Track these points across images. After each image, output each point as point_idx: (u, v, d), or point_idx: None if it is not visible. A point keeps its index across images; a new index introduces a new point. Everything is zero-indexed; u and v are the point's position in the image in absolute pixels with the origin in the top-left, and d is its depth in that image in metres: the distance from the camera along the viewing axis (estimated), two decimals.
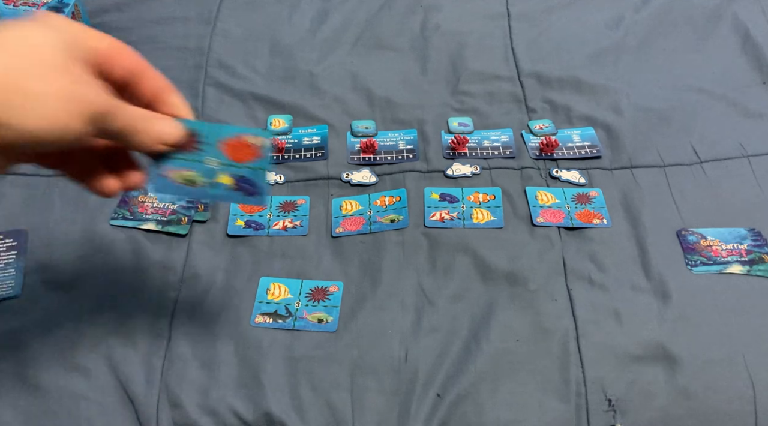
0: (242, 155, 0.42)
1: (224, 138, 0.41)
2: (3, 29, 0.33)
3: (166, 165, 0.41)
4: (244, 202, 0.43)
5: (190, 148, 0.41)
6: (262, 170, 0.42)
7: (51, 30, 0.34)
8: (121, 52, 0.37)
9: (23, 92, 0.32)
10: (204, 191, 0.42)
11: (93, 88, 0.35)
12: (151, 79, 0.39)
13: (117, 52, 0.37)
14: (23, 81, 0.32)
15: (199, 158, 0.41)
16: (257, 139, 0.41)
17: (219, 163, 0.41)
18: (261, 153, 0.41)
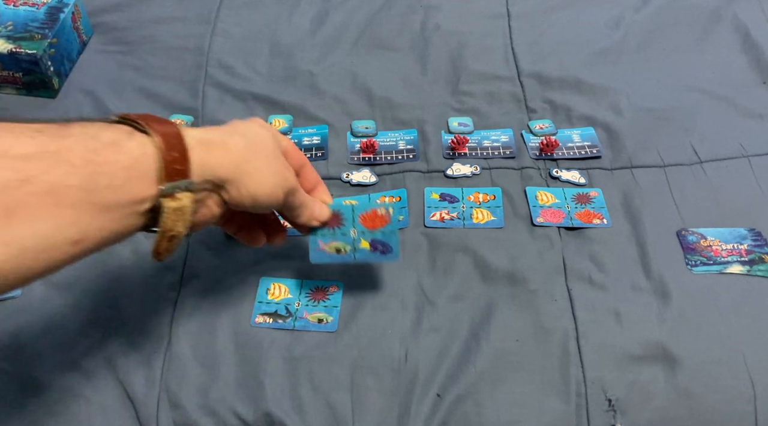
0: (375, 224, 0.55)
1: (361, 212, 0.55)
2: (239, 123, 0.47)
3: (320, 240, 0.54)
4: (381, 260, 0.55)
5: (337, 224, 0.54)
6: (392, 233, 0.55)
7: (265, 128, 0.47)
8: (294, 150, 0.51)
9: (255, 166, 0.44)
10: (350, 256, 0.54)
11: (290, 172, 0.48)
12: (309, 172, 0.53)
13: (292, 149, 0.51)
14: (255, 158, 0.44)
15: (344, 231, 0.54)
16: (386, 210, 0.55)
17: (358, 232, 0.55)
18: (389, 220, 0.55)
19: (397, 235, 0.55)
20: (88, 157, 0.36)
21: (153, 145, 0.39)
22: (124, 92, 0.78)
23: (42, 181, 0.33)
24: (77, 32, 0.82)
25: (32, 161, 0.34)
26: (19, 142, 0.34)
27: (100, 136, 0.37)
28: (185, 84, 0.79)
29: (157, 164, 0.39)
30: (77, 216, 0.35)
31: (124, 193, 0.37)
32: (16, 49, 0.74)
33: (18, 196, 0.33)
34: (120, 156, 0.37)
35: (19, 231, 0.33)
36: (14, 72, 0.75)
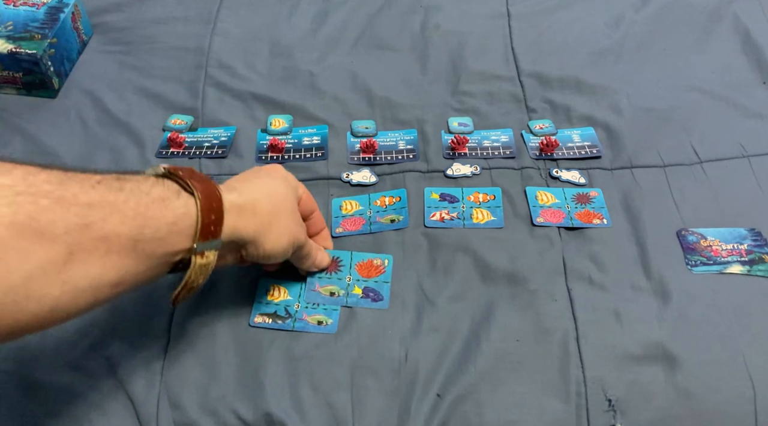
0: (370, 273, 0.59)
1: (358, 261, 0.60)
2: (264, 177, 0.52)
3: (316, 282, 0.58)
4: (371, 307, 0.57)
5: (335, 268, 0.59)
6: (385, 283, 0.58)
7: (286, 183, 0.53)
8: (307, 198, 0.56)
9: (274, 229, 0.49)
10: (342, 299, 0.58)
11: (302, 228, 0.54)
12: (317, 218, 0.59)
13: (306, 197, 0.56)
14: (276, 222, 0.50)
15: (340, 276, 0.59)
16: (382, 261, 0.60)
17: (353, 279, 0.59)
18: (384, 270, 0.59)
19: (389, 285, 0.58)
20: (139, 210, 0.40)
21: (195, 207, 0.43)
22: (124, 92, 0.78)
23: (99, 227, 0.37)
24: (77, 32, 0.82)
25: (93, 209, 0.37)
26: (83, 191, 0.37)
27: (152, 192, 0.41)
28: (185, 84, 0.79)
29: (196, 224, 0.43)
30: (121, 262, 0.39)
31: (164, 246, 0.42)
32: (16, 49, 0.74)
33: (79, 239, 0.36)
34: (167, 212, 0.41)
35: (75, 271, 0.36)
36: (14, 72, 0.75)
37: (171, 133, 0.72)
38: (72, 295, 0.37)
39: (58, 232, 0.35)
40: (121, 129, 0.73)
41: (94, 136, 0.73)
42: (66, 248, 0.36)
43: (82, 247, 0.36)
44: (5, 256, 0.33)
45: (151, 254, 0.41)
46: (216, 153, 0.71)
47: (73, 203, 0.36)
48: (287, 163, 0.70)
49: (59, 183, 0.37)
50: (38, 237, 0.34)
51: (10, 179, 0.35)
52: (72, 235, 0.36)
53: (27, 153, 0.71)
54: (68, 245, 0.36)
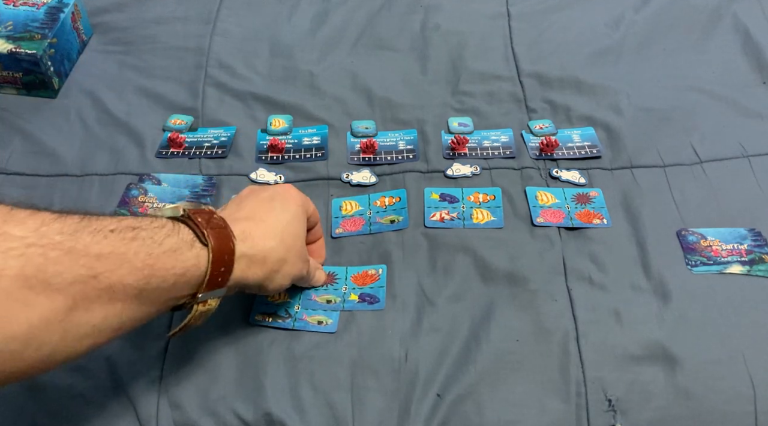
0: (366, 281, 0.60)
1: (353, 273, 0.60)
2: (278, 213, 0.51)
3: (313, 293, 0.59)
4: (368, 309, 0.57)
5: (331, 281, 0.60)
6: (380, 287, 0.59)
7: (299, 212, 0.53)
8: (314, 213, 0.57)
9: (281, 272, 0.50)
10: (339, 305, 0.58)
11: (307, 261, 0.54)
12: (318, 230, 0.60)
13: (313, 213, 0.57)
14: (284, 265, 0.50)
15: (336, 287, 0.59)
16: (376, 271, 0.60)
17: (349, 288, 0.59)
18: (378, 278, 0.59)
19: (384, 289, 0.58)
20: (149, 261, 0.40)
21: (206, 259, 0.44)
22: (124, 92, 0.78)
23: (106, 278, 0.38)
24: (77, 32, 0.82)
25: (102, 260, 0.38)
26: (94, 241, 0.38)
27: (164, 242, 0.42)
28: (185, 84, 0.79)
29: (203, 276, 0.44)
30: (124, 309, 0.40)
31: (167, 294, 0.42)
32: (16, 49, 0.74)
33: (84, 289, 0.37)
34: (176, 263, 0.42)
35: (77, 319, 0.37)
36: (14, 72, 0.75)
37: (171, 133, 0.72)
38: (72, 341, 0.38)
39: (64, 284, 0.36)
40: (121, 129, 0.73)
41: (94, 136, 0.73)
42: (70, 298, 0.36)
43: (86, 297, 0.37)
44: (9, 307, 0.34)
45: (155, 301, 0.42)
46: (216, 153, 0.71)
47: (83, 254, 0.37)
48: (287, 163, 0.70)
49: (71, 233, 0.37)
50: (43, 288, 0.35)
51: (23, 230, 0.35)
52: (77, 286, 0.36)
53: (27, 153, 0.71)
54: (73, 295, 0.36)
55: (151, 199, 0.65)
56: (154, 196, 0.65)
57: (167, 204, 0.46)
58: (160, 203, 0.65)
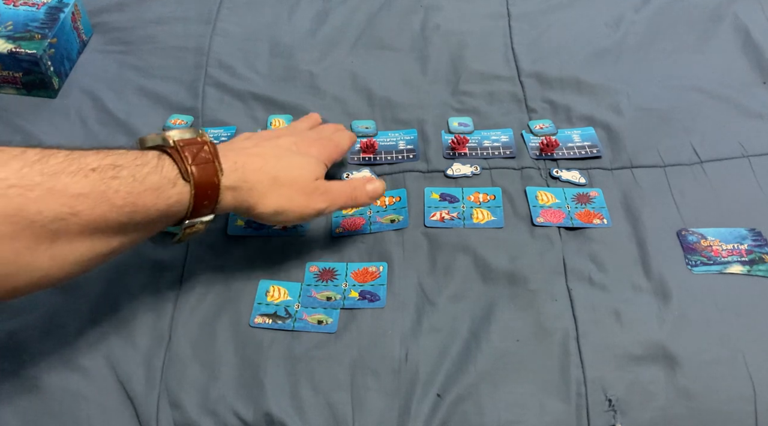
0: (366, 278, 0.59)
1: (354, 270, 0.60)
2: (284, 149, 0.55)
3: (313, 289, 0.59)
4: (368, 307, 0.57)
5: (331, 278, 0.60)
6: (381, 285, 0.59)
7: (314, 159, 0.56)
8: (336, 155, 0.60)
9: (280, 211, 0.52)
10: (339, 303, 0.58)
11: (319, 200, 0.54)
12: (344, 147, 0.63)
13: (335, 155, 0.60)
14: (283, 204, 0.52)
15: (336, 283, 0.59)
16: (377, 268, 0.60)
17: (349, 285, 0.59)
18: (379, 275, 0.59)
19: (385, 287, 0.58)
20: (130, 199, 0.42)
21: (189, 195, 0.45)
22: (124, 92, 0.78)
23: (86, 215, 0.40)
24: (77, 32, 0.82)
25: (82, 199, 0.40)
26: (74, 182, 0.40)
27: (146, 181, 0.43)
28: (185, 84, 0.79)
29: (186, 210, 0.46)
30: (108, 241, 0.42)
31: (154, 227, 0.45)
32: (16, 49, 0.74)
33: (64, 225, 0.39)
34: (158, 201, 0.44)
35: (61, 249, 0.40)
36: (14, 72, 0.75)
37: None
38: (61, 266, 0.41)
39: (44, 221, 0.39)
40: (121, 129, 0.73)
41: (94, 136, 0.73)
42: (52, 232, 0.39)
43: (68, 231, 0.40)
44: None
45: (141, 232, 0.45)
46: None
47: (63, 194, 0.39)
48: None
49: (51, 175, 0.39)
50: (26, 224, 0.38)
51: (4, 172, 0.38)
52: (58, 223, 0.39)
53: None
54: (54, 230, 0.39)
55: None
56: None
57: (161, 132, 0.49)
58: None
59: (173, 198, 0.44)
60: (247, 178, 0.50)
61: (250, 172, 0.50)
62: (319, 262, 0.61)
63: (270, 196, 0.51)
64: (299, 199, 0.53)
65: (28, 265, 0.39)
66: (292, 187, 0.53)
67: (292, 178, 0.53)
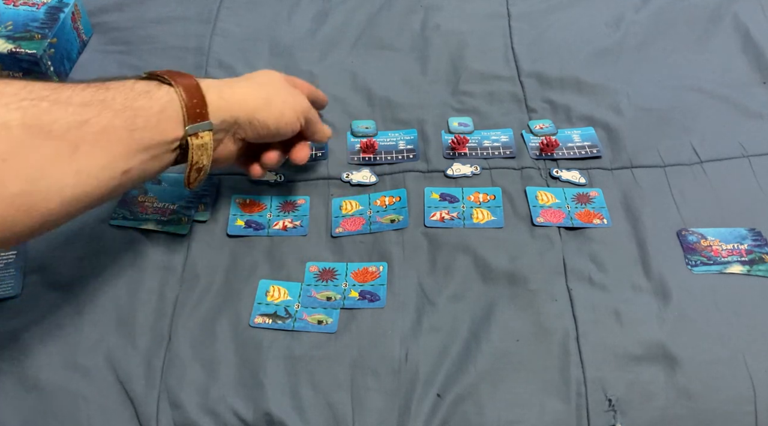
0: (366, 278, 0.59)
1: (353, 270, 0.60)
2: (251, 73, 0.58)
3: (313, 289, 0.59)
4: (368, 307, 0.57)
5: (331, 278, 0.60)
6: (381, 285, 0.59)
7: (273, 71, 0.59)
8: (301, 81, 0.63)
9: (265, 101, 0.55)
10: (339, 303, 0.58)
11: (302, 98, 0.59)
12: (319, 97, 0.66)
13: (300, 81, 0.63)
14: (264, 94, 0.55)
15: (336, 283, 0.59)
16: (377, 268, 0.60)
17: (349, 285, 0.59)
18: (379, 275, 0.59)
19: (385, 287, 0.59)
20: (127, 103, 0.45)
21: (176, 94, 0.48)
22: None
23: (95, 122, 0.42)
24: (77, 32, 0.82)
25: (87, 107, 0.43)
26: (75, 93, 0.43)
27: (135, 87, 0.47)
28: None
29: (181, 109, 0.48)
30: (123, 150, 0.44)
31: (158, 133, 0.47)
32: (16, 49, 0.74)
33: (80, 134, 0.42)
34: (152, 102, 0.47)
35: (84, 161, 0.42)
36: (14, 72, 0.75)
37: None
38: (86, 182, 0.42)
39: (61, 130, 0.41)
40: None
41: None
42: (71, 142, 0.41)
43: (84, 140, 0.42)
44: (23, 152, 0.39)
45: (150, 142, 0.46)
46: None
47: (69, 104, 0.42)
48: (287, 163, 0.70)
49: (53, 89, 0.42)
50: (45, 134, 0.40)
51: (13, 88, 0.40)
52: (73, 132, 0.41)
53: None
54: (72, 140, 0.41)
55: (151, 199, 0.65)
56: (154, 197, 0.65)
57: None
58: (160, 203, 0.65)
59: (164, 98, 0.47)
60: (222, 81, 0.54)
61: (224, 80, 0.55)
62: (319, 262, 0.61)
63: (253, 89, 0.55)
64: (282, 92, 0.57)
65: (57, 181, 0.40)
66: (269, 83, 0.57)
67: (265, 77, 0.57)
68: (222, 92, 0.52)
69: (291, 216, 0.65)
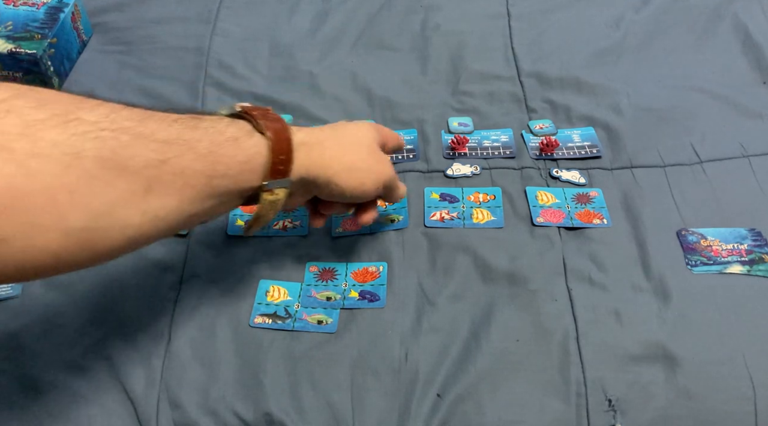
0: (366, 278, 0.59)
1: (353, 270, 0.60)
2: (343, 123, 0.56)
3: (312, 289, 0.59)
4: (368, 307, 0.57)
5: (331, 278, 0.60)
6: (381, 286, 0.59)
7: (366, 126, 0.56)
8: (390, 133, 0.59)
9: (346, 166, 0.51)
10: (339, 303, 0.58)
11: (385, 164, 0.55)
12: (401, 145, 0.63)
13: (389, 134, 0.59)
14: (348, 158, 0.52)
15: (336, 283, 0.59)
16: (377, 268, 0.60)
17: (349, 284, 0.59)
18: (379, 275, 0.59)
19: (385, 287, 0.59)
20: (212, 148, 0.42)
21: (266, 147, 0.46)
22: (124, 92, 0.78)
23: (175, 163, 0.40)
24: (77, 32, 0.82)
25: (170, 146, 0.40)
26: (160, 128, 0.40)
27: (225, 132, 0.44)
28: (185, 84, 0.78)
29: (266, 163, 0.46)
30: (196, 195, 0.42)
31: (235, 183, 0.44)
32: (16, 49, 0.74)
33: (156, 173, 0.39)
34: (238, 151, 0.44)
35: (154, 202, 0.39)
36: (14, 72, 0.75)
37: None
38: (152, 223, 0.40)
39: (137, 167, 0.38)
40: None
41: None
42: (145, 181, 0.38)
43: (159, 181, 0.39)
44: (93, 186, 0.36)
45: (224, 190, 0.44)
46: None
47: (152, 140, 0.39)
48: None
49: (139, 121, 0.39)
50: (120, 170, 0.37)
51: (95, 116, 0.37)
52: (150, 170, 0.38)
53: None
54: (147, 178, 0.38)
55: None
56: None
57: None
58: None
59: (252, 149, 0.45)
60: (314, 135, 0.51)
61: (316, 132, 0.52)
62: (319, 262, 0.61)
63: (341, 151, 0.51)
64: (369, 160, 0.53)
65: (122, 220, 0.38)
66: (358, 144, 0.53)
67: (357, 138, 0.54)
68: (311, 152, 0.49)
69: (291, 216, 0.65)
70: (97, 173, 0.36)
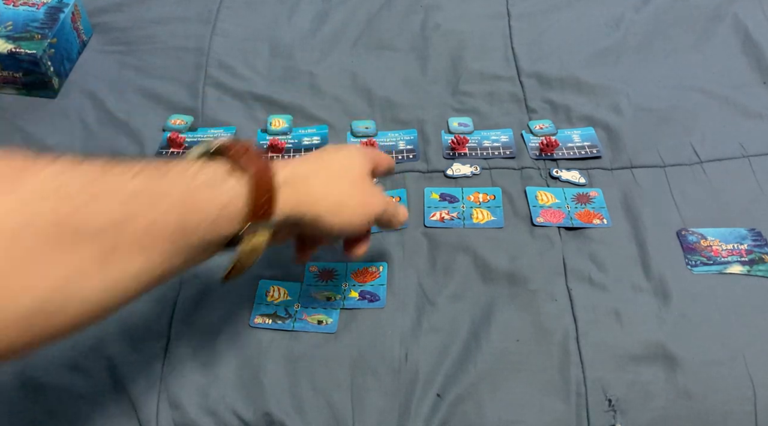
0: (366, 278, 0.59)
1: (353, 270, 0.60)
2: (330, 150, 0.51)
3: (312, 289, 0.59)
4: (368, 307, 0.57)
5: (331, 278, 0.60)
6: (381, 286, 0.59)
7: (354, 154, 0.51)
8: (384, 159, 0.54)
9: (345, 209, 0.48)
10: (339, 303, 0.58)
11: (379, 199, 0.51)
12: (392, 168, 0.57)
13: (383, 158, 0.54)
14: (335, 194, 0.48)
15: (336, 283, 0.59)
16: (377, 268, 0.60)
17: (349, 285, 0.59)
18: (379, 275, 0.59)
19: (385, 287, 0.59)
20: (184, 197, 0.38)
21: (246, 190, 0.41)
22: (124, 92, 0.78)
23: (141, 219, 0.35)
24: (77, 32, 0.82)
25: (134, 200, 0.35)
26: (122, 182, 0.35)
27: (198, 177, 0.39)
28: (185, 84, 0.79)
29: (246, 207, 0.41)
30: (169, 249, 0.37)
31: (213, 232, 0.39)
32: (16, 49, 0.74)
33: (120, 234, 0.34)
34: (215, 196, 0.39)
35: (114, 269, 0.34)
36: (14, 72, 0.75)
37: (171, 133, 0.72)
38: (116, 288, 0.35)
39: (92, 231, 0.33)
40: (121, 129, 0.73)
41: (94, 136, 0.73)
42: (107, 245, 0.34)
43: (124, 242, 0.34)
44: (37, 263, 0.31)
45: (200, 242, 0.39)
46: None
47: (111, 198, 0.34)
48: None
49: (94, 179, 0.34)
50: (70, 239, 0.32)
51: (39, 182, 0.32)
52: (109, 232, 0.34)
53: None
54: (109, 242, 0.34)
55: None
56: None
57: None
58: None
59: (228, 193, 0.40)
60: (299, 169, 0.46)
61: (302, 166, 0.47)
62: (319, 262, 0.61)
63: (328, 187, 0.47)
64: (357, 195, 0.49)
65: (77, 292, 0.33)
66: (347, 177, 0.49)
67: (345, 169, 0.49)
68: (297, 188, 0.45)
69: None
70: (42, 247, 0.31)
